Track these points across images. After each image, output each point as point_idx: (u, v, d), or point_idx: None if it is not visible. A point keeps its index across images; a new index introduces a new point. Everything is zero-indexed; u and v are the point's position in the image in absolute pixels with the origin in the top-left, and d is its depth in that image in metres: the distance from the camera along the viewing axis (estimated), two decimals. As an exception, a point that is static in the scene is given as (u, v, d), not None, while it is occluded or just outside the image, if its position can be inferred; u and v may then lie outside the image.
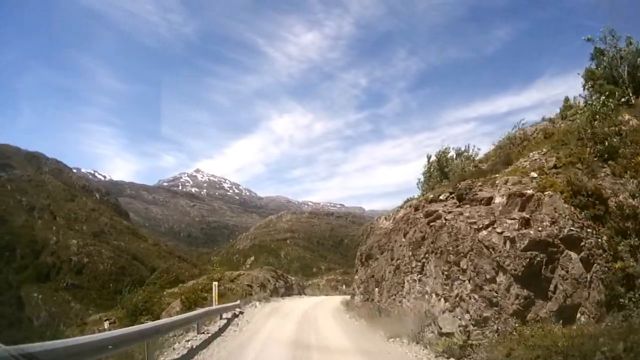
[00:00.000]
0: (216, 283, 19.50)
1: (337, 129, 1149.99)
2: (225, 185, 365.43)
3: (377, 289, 14.74)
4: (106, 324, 24.67)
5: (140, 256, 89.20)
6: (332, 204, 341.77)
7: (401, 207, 15.83)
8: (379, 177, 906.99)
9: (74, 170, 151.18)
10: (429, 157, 19.72)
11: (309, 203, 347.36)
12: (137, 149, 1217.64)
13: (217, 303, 17.53)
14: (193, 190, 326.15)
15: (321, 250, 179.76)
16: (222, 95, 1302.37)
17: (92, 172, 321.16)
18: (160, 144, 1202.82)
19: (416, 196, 16.44)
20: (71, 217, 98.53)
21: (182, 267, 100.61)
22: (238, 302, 19.83)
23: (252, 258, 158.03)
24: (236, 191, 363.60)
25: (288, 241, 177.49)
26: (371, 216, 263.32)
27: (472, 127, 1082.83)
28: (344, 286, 55.00)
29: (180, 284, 31.16)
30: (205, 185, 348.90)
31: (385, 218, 17.23)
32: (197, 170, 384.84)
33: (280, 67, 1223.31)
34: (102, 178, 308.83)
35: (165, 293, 23.50)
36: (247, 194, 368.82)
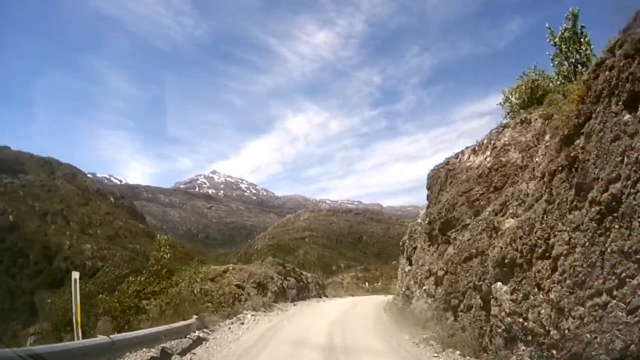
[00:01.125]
0: (76, 277, 9.05)
1: (353, 126, 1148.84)
2: (242, 186, 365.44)
3: (499, 283, 7.11)
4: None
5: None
6: (350, 202, 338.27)
7: (502, 127, 10.04)
8: (395, 174, 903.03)
9: (89, 176, 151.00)
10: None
11: (327, 201, 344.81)
12: (153, 152, 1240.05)
13: (79, 332, 8.60)
14: (210, 191, 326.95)
15: (340, 247, 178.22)
16: (236, 96, 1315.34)
17: (108, 176, 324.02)
18: (175, 147, 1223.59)
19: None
20: (85, 221, 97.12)
21: (199, 270, 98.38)
22: (193, 319, 11.76)
23: (270, 258, 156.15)
24: (253, 191, 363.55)
25: (307, 239, 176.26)
26: (389, 212, 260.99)
27: (487, 121, 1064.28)
28: (366, 284, 53.36)
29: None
30: (222, 186, 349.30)
31: (474, 151, 10.68)
32: (214, 172, 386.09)
33: (293, 66, 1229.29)
34: (118, 182, 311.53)
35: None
36: (264, 193, 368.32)
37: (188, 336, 10.75)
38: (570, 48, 10.10)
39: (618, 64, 4.86)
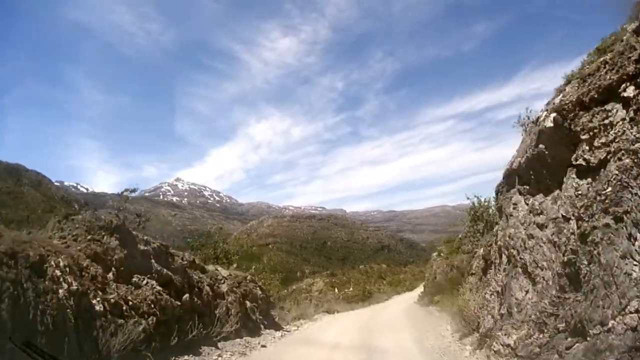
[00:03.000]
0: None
1: (316, 132, 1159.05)
2: (206, 193, 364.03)
3: None
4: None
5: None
6: (314, 208, 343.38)
7: None
8: (360, 178, 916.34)
9: (57, 184, 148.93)
10: None
11: (290, 207, 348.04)
12: (119, 161, 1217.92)
13: None
14: (174, 199, 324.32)
15: (304, 253, 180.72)
16: (201, 103, 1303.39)
17: (75, 184, 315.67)
18: (141, 155, 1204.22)
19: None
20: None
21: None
22: None
23: (235, 265, 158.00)
24: (217, 198, 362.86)
25: (270, 246, 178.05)
26: (353, 218, 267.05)
27: (451, 125, 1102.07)
28: (335, 290, 48.47)
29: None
30: (186, 194, 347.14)
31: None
32: (178, 179, 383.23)
33: (257, 73, 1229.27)
34: (85, 190, 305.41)
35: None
36: (228, 200, 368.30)
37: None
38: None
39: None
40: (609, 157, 5.00)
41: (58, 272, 6.04)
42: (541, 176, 6.78)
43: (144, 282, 8.18)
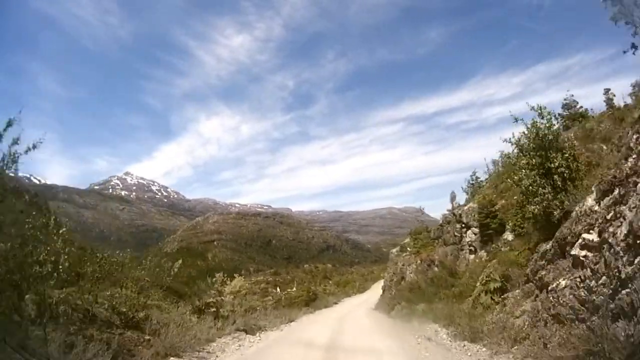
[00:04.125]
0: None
1: (265, 130, 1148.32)
2: (154, 188, 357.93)
3: None
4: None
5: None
6: (260, 206, 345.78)
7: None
8: (307, 178, 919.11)
9: (11, 174, 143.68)
10: None
11: (237, 205, 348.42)
12: (73, 153, 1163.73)
13: None
14: (123, 193, 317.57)
15: (249, 251, 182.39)
16: (153, 98, 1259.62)
17: (28, 175, 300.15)
18: (94, 148, 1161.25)
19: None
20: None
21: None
22: None
23: (180, 261, 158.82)
24: (164, 194, 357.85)
25: (215, 243, 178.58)
26: (299, 217, 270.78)
27: (400, 127, 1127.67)
28: (277, 289, 43.58)
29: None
30: (134, 188, 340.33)
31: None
32: (127, 173, 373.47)
33: (210, 69, 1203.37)
34: (37, 182, 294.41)
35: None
36: (175, 196, 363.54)
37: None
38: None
39: None
40: None
41: None
42: None
43: None
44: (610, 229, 5.10)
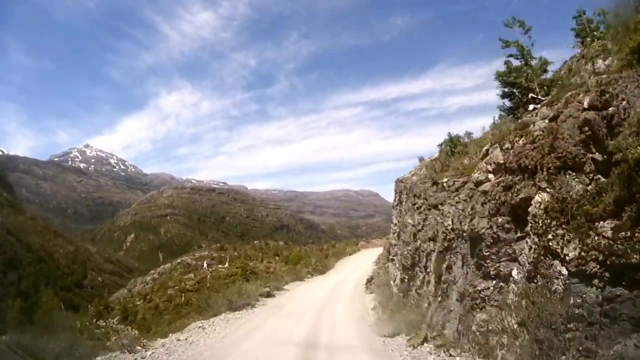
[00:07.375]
0: None
1: (224, 108, 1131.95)
2: (112, 161, 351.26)
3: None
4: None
5: (16, 231, 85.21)
6: (216, 182, 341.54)
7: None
8: (263, 157, 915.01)
9: None
10: None
11: (193, 180, 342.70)
12: (37, 125, 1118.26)
13: None
14: (81, 165, 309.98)
15: (202, 227, 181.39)
16: (117, 71, 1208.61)
17: None
18: (57, 120, 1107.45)
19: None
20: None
21: (56, 243, 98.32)
22: None
23: (133, 235, 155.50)
24: (122, 167, 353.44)
25: (168, 217, 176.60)
26: (254, 195, 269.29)
27: (359, 111, 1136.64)
28: (219, 264, 44.63)
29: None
30: (93, 160, 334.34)
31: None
32: (87, 146, 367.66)
33: (174, 44, 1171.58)
34: (1, 153, 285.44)
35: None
36: (133, 170, 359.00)
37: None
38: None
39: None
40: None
41: None
42: None
43: None
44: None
